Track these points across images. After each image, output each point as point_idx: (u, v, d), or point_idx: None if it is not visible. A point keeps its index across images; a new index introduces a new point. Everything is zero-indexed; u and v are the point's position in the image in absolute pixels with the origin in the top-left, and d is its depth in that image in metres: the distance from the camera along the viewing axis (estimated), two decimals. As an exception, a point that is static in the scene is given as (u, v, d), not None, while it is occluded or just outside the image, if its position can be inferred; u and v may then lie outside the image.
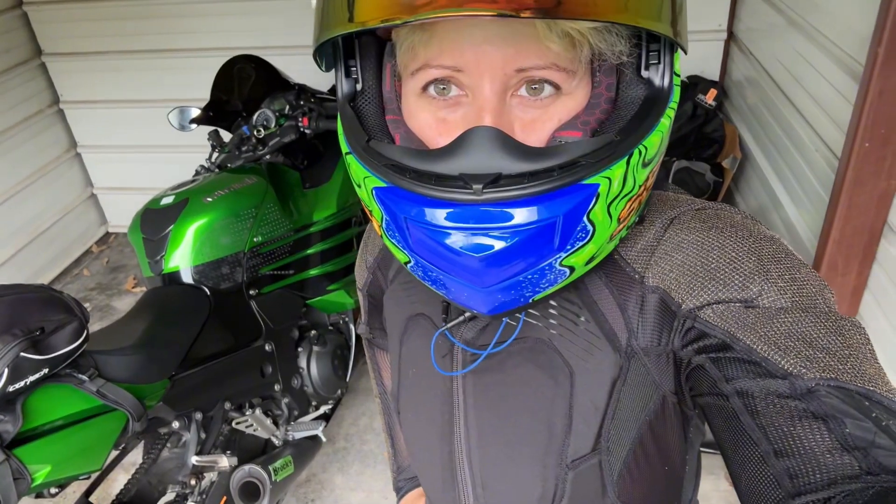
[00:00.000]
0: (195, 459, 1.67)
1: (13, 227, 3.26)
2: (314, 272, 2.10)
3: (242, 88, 2.12)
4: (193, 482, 1.68)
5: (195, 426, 1.69)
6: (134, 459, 1.84)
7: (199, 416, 1.69)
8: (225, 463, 1.71)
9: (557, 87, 0.51)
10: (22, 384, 1.20)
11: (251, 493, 1.77)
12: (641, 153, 0.49)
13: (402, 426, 0.80)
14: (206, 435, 1.73)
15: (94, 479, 1.62)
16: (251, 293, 1.88)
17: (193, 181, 1.89)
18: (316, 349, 2.11)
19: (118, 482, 2.15)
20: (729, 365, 0.50)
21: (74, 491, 1.84)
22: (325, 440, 2.11)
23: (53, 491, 1.35)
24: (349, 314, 2.30)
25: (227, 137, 2.15)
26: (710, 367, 0.52)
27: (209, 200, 1.79)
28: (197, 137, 2.45)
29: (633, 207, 0.53)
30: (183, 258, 1.75)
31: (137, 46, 3.28)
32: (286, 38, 2.95)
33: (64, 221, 3.57)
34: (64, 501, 2.09)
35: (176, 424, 1.64)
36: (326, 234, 2.13)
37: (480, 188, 0.46)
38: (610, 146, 0.48)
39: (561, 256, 0.51)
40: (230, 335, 1.81)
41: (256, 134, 2.01)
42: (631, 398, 0.60)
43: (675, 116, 0.54)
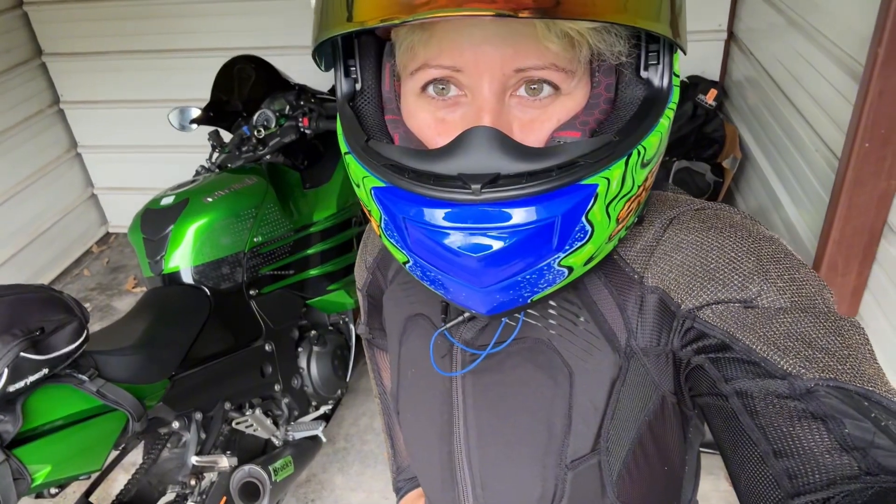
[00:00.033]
0: (195, 459, 1.67)
1: (13, 227, 3.26)
2: (314, 272, 2.10)
3: (243, 89, 2.13)
4: (193, 482, 1.68)
5: (195, 426, 1.69)
6: (134, 459, 1.84)
7: (199, 416, 1.69)
8: (225, 463, 1.72)
9: (556, 87, 0.51)
10: (22, 384, 1.20)
11: (251, 493, 1.77)
12: (640, 153, 0.49)
13: (401, 426, 0.80)
14: (206, 435, 1.73)
15: (94, 479, 1.62)
16: (251, 293, 1.88)
17: (194, 181, 1.89)
18: (316, 349, 2.11)
19: (118, 482, 2.15)
20: (728, 365, 0.50)
21: (74, 491, 1.84)
22: (325, 440, 2.11)
23: (53, 491, 1.36)
24: (349, 314, 2.30)
25: (227, 138, 2.15)
26: (709, 367, 0.52)
27: (209, 200, 1.79)
28: (197, 138, 2.45)
29: (631, 208, 0.53)
30: (183, 258, 1.75)
31: (138, 46, 3.28)
32: (286, 38, 2.96)
33: (64, 221, 3.57)
34: (64, 502, 2.09)
35: (176, 424, 1.64)
36: (326, 234, 2.13)
37: (479, 188, 0.46)
38: (609, 146, 0.48)
39: (559, 257, 0.51)
40: (230, 335, 1.82)
41: (257, 134, 2.01)
42: (630, 398, 0.60)
43: (675, 117, 0.54)
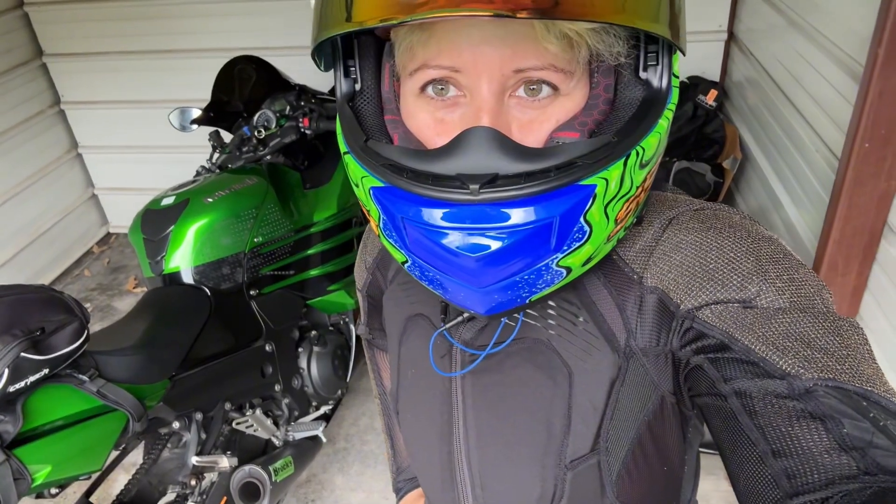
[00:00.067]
0: (195, 460, 1.67)
1: (14, 227, 3.26)
2: (314, 272, 2.10)
3: (243, 89, 2.13)
4: (194, 482, 1.68)
5: (195, 426, 1.69)
6: (134, 460, 1.84)
7: (199, 416, 1.69)
8: (225, 463, 1.72)
9: (555, 87, 0.51)
10: (22, 384, 1.20)
11: (251, 493, 1.77)
12: (639, 154, 0.49)
13: (401, 427, 0.80)
14: (206, 435, 1.73)
15: (94, 479, 1.62)
16: (252, 293, 1.88)
17: (194, 182, 1.89)
18: (316, 349, 2.11)
19: (118, 482, 2.15)
20: (727, 365, 0.50)
21: (75, 491, 1.84)
22: (325, 440, 2.11)
23: (54, 491, 1.36)
24: (349, 314, 2.30)
25: (227, 138, 2.15)
26: (708, 367, 0.52)
27: (210, 201, 1.79)
28: (198, 138, 2.45)
29: (630, 208, 0.53)
30: (183, 258, 1.75)
31: (138, 47, 3.28)
32: (287, 38, 2.96)
33: (65, 222, 3.57)
34: (64, 502, 2.09)
35: (176, 425, 1.64)
36: (327, 234, 2.13)
37: (477, 188, 0.46)
38: (607, 147, 0.48)
39: (557, 257, 0.51)
40: (230, 335, 1.82)
41: (257, 134, 2.01)
42: (629, 398, 0.60)
43: (675, 117, 0.54)
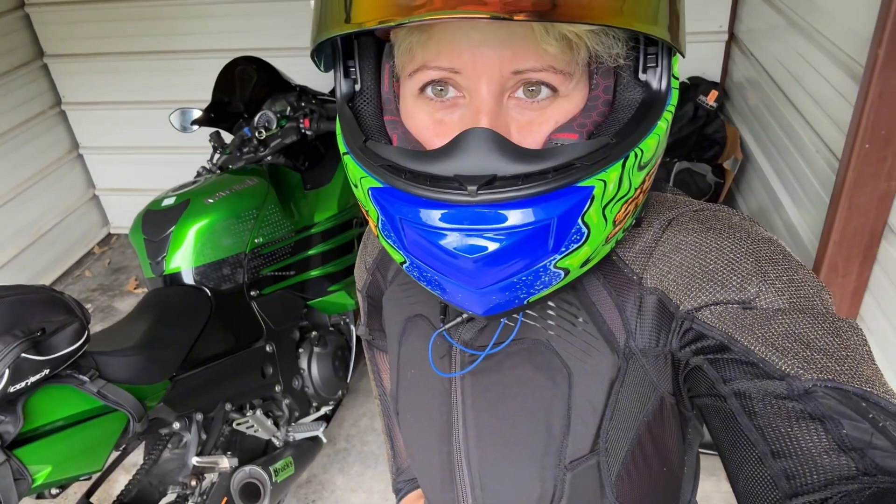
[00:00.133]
0: (196, 460, 1.68)
1: (15, 228, 3.26)
2: (315, 273, 2.10)
3: (244, 90, 2.13)
4: (194, 483, 1.68)
5: (196, 427, 1.69)
6: (135, 460, 1.84)
7: (199, 416, 1.69)
8: (225, 464, 1.72)
9: (554, 89, 0.51)
10: (23, 385, 1.20)
11: (252, 493, 1.77)
12: (637, 156, 0.49)
13: (401, 427, 0.80)
14: (206, 436, 1.73)
15: (94, 479, 1.62)
16: (252, 294, 1.89)
17: (195, 182, 1.90)
18: (317, 350, 2.11)
19: (119, 483, 2.15)
20: (727, 366, 0.50)
21: (75, 492, 1.84)
22: (325, 441, 2.11)
23: (54, 492, 1.36)
24: (350, 315, 2.31)
25: (228, 139, 2.15)
26: (707, 368, 0.52)
27: (210, 202, 1.79)
28: (198, 139, 2.45)
29: (628, 210, 0.53)
30: (184, 259, 1.76)
31: (139, 48, 3.28)
32: (287, 39, 2.96)
33: (66, 223, 3.58)
34: (65, 502, 2.09)
35: (177, 425, 1.64)
36: (327, 235, 2.13)
37: (475, 189, 0.46)
38: (605, 149, 0.48)
39: (555, 258, 0.51)
40: (231, 336, 1.82)
41: (258, 135, 2.01)
42: (629, 399, 0.60)
43: (676, 118, 0.54)
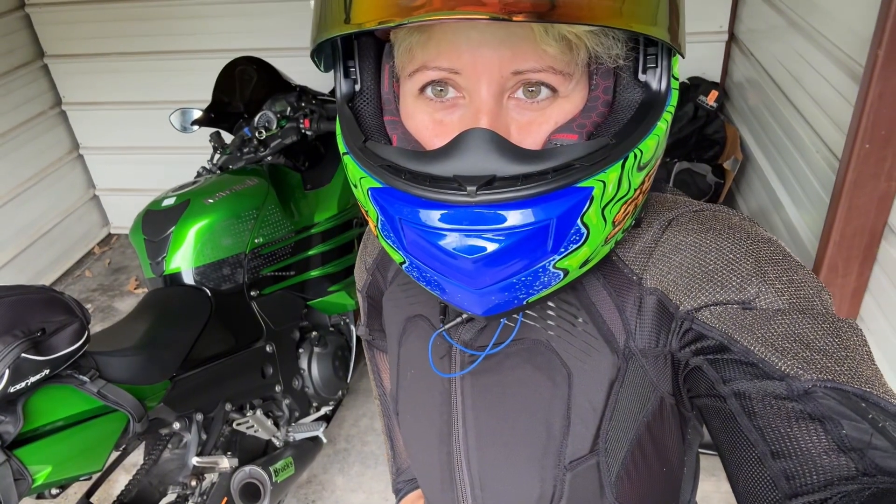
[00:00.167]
0: (196, 460, 1.67)
1: (15, 228, 3.27)
2: (315, 273, 2.10)
3: (244, 90, 2.13)
4: (194, 483, 1.68)
5: (196, 427, 1.69)
6: (135, 460, 1.84)
7: (199, 417, 1.69)
8: (226, 464, 1.72)
9: (554, 89, 0.51)
10: (23, 385, 1.20)
11: (252, 494, 1.77)
12: (637, 157, 0.49)
13: (401, 427, 0.80)
14: (206, 436, 1.73)
15: (94, 479, 1.62)
16: (252, 294, 1.89)
17: (195, 182, 1.90)
18: (317, 350, 2.11)
19: (119, 483, 2.15)
20: (726, 366, 0.50)
21: (76, 492, 1.84)
22: (325, 441, 2.11)
23: (54, 492, 1.36)
24: (350, 315, 2.31)
25: (228, 139, 2.15)
26: (707, 368, 0.52)
27: (210, 202, 1.79)
28: (198, 139, 2.45)
29: (628, 210, 0.53)
30: (184, 259, 1.76)
31: (139, 48, 3.28)
32: (288, 39, 2.96)
33: (66, 223, 3.58)
34: (65, 502, 2.10)
35: (177, 425, 1.64)
36: (327, 235, 2.13)
37: (474, 190, 0.46)
38: (605, 149, 0.48)
39: (554, 259, 0.51)
40: (231, 336, 1.82)
41: (258, 135, 2.01)
42: (629, 399, 0.60)
43: (676, 118, 0.54)
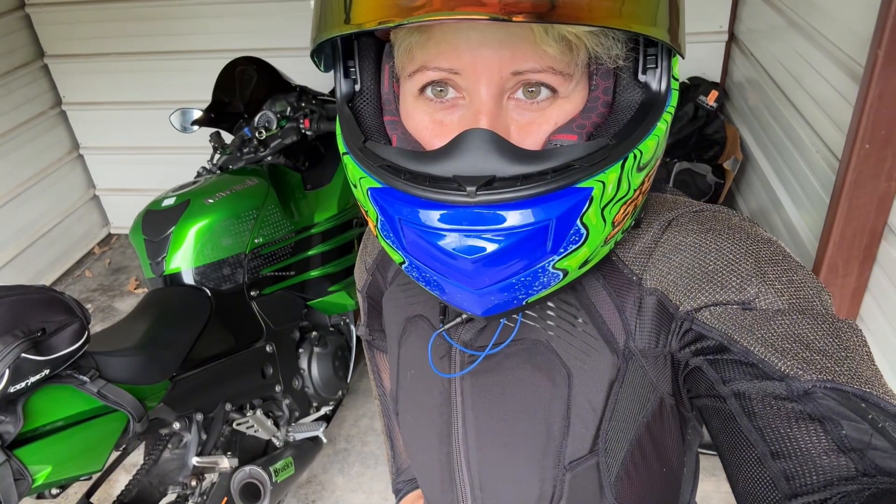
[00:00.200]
0: (196, 460, 1.68)
1: (15, 228, 3.27)
2: (315, 273, 2.10)
3: (244, 90, 2.13)
4: (194, 483, 1.68)
5: (196, 427, 1.69)
6: (135, 460, 1.84)
7: (199, 417, 1.69)
8: (226, 464, 1.72)
9: (554, 90, 0.51)
10: (23, 385, 1.20)
11: (252, 494, 1.77)
12: (636, 157, 0.49)
13: (400, 428, 0.80)
14: (206, 436, 1.73)
15: (94, 479, 1.62)
16: (252, 294, 1.89)
17: (195, 183, 1.90)
18: (317, 350, 2.11)
19: (119, 483, 2.16)
20: (726, 367, 0.50)
21: (76, 492, 1.85)
22: (325, 441, 2.11)
23: (55, 492, 1.36)
24: (350, 315, 2.31)
25: (228, 139, 2.15)
26: (707, 368, 0.52)
27: (210, 202, 1.79)
28: (199, 139, 2.45)
29: (628, 211, 0.53)
30: (184, 259, 1.76)
31: (140, 48, 3.28)
32: (288, 39, 2.96)
33: (66, 223, 3.58)
34: (65, 502, 2.10)
35: (177, 425, 1.64)
36: (327, 235, 2.13)
37: (474, 190, 0.46)
38: (604, 150, 0.48)
39: (554, 259, 0.51)
40: (231, 336, 1.82)
41: (258, 135, 2.01)
42: (628, 400, 0.60)
43: (676, 118, 0.54)
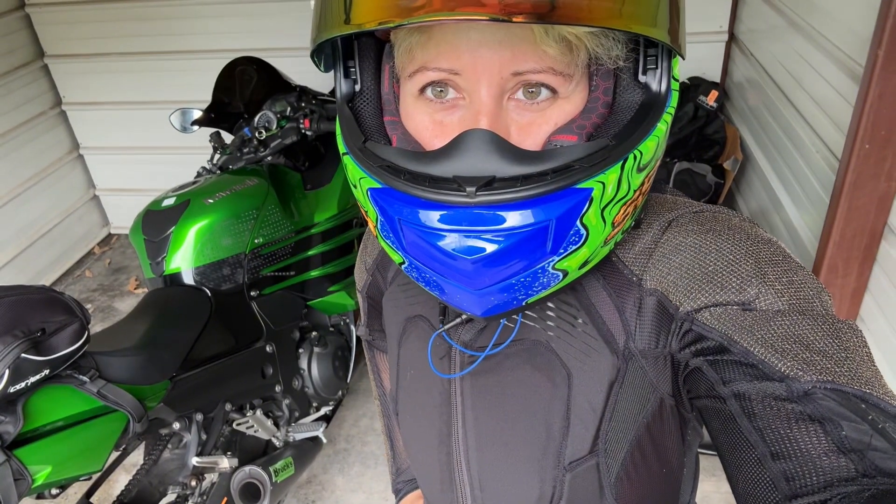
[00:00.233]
0: (196, 460, 1.68)
1: (15, 228, 3.27)
2: (315, 273, 2.10)
3: (244, 90, 2.13)
4: (194, 483, 1.68)
5: (196, 427, 1.69)
6: (135, 460, 1.84)
7: (199, 417, 1.69)
8: (225, 464, 1.72)
9: (554, 90, 0.51)
10: (23, 385, 1.20)
11: (252, 494, 1.77)
12: (636, 158, 0.49)
13: (400, 428, 0.80)
14: (206, 436, 1.73)
15: (94, 479, 1.63)
16: (252, 294, 1.89)
17: (195, 183, 1.90)
18: (317, 350, 2.11)
19: (119, 483, 2.16)
20: (726, 367, 0.50)
21: (76, 492, 1.84)
22: (325, 441, 2.11)
23: (54, 492, 1.36)
24: (350, 315, 2.31)
25: (228, 139, 2.15)
26: (707, 369, 0.52)
27: (210, 202, 1.79)
28: (199, 139, 2.45)
29: (627, 212, 0.53)
30: (184, 259, 1.76)
31: (140, 48, 3.28)
32: (288, 39, 2.96)
33: (66, 223, 3.58)
34: (65, 502, 2.10)
35: (177, 425, 1.64)
36: (327, 235, 2.13)
37: (474, 191, 0.46)
38: (604, 151, 0.48)
39: (553, 260, 0.51)
40: (231, 336, 1.82)
41: (258, 135, 2.01)
42: (628, 400, 0.60)
43: (676, 118, 0.54)
